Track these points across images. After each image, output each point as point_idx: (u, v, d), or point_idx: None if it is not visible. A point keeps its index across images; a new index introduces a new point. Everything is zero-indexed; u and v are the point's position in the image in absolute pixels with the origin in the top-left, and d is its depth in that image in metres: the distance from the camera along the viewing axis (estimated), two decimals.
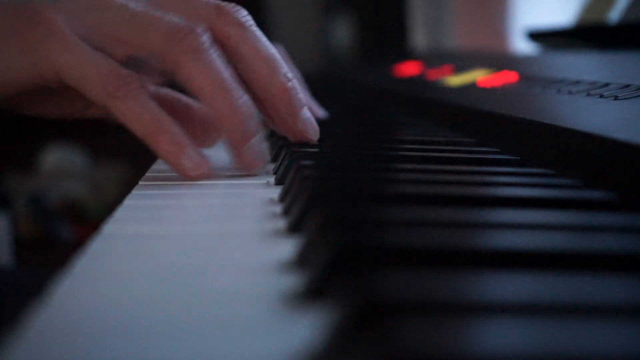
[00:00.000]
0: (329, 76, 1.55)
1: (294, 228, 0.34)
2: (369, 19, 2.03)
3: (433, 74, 0.89)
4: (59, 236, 1.85)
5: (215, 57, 0.45)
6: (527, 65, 0.79)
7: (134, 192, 0.44)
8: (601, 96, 0.47)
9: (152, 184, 0.47)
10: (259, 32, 0.48)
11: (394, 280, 0.23)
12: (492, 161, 0.48)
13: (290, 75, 0.48)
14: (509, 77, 0.68)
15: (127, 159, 1.99)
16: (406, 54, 1.35)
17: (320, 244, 0.28)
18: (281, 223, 0.36)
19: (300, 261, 0.29)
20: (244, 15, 0.47)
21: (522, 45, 1.08)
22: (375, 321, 0.20)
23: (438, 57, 1.15)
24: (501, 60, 0.93)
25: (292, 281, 0.27)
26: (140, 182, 0.47)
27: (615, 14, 0.77)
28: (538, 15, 1.13)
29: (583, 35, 0.84)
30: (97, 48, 0.45)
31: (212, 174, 0.46)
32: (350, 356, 0.20)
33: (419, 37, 1.70)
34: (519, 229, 0.31)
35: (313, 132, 0.50)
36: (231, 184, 0.47)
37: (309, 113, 0.50)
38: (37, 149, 2.00)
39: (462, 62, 0.90)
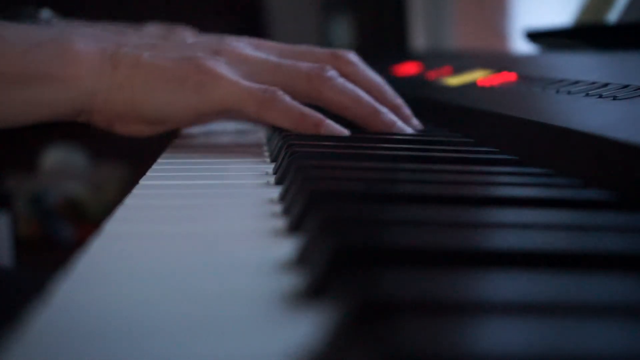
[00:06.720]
0: None
1: (294, 227, 0.34)
2: (368, 19, 2.03)
3: (433, 74, 0.89)
4: (59, 236, 1.85)
5: (345, 82, 0.61)
6: (527, 66, 0.79)
7: (134, 191, 0.44)
8: (600, 96, 0.47)
9: (152, 184, 0.47)
10: (365, 67, 0.64)
11: (393, 279, 0.23)
12: (491, 161, 0.48)
13: (394, 95, 0.64)
14: (508, 77, 0.68)
15: (127, 159, 1.99)
16: (406, 54, 1.35)
17: (320, 243, 0.28)
18: (281, 223, 0.36)
19: (300, 261, 0.29)
20: (353, 56, 0.64)
21: (521, 46, 1.08)
22: (375, 320, 0.20)
23: (438, 57, 1.15)
24: (501, 60, 0.93)
25: (292, 281, 0.27)
26: (140, 182, 0.47)
27: (614, 15, 0.77)
28: (537, 16, 1.13)
29: (582, 36, 0.84)
30: None
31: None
32: (350, 356, 0.20)
33: (419, 37, 1.69)
34: (518, 229, 0.31)
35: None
36: (231, 183, 0.47)
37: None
38: (38, 149, 1.99)
39: (462, 62, 0.89)
